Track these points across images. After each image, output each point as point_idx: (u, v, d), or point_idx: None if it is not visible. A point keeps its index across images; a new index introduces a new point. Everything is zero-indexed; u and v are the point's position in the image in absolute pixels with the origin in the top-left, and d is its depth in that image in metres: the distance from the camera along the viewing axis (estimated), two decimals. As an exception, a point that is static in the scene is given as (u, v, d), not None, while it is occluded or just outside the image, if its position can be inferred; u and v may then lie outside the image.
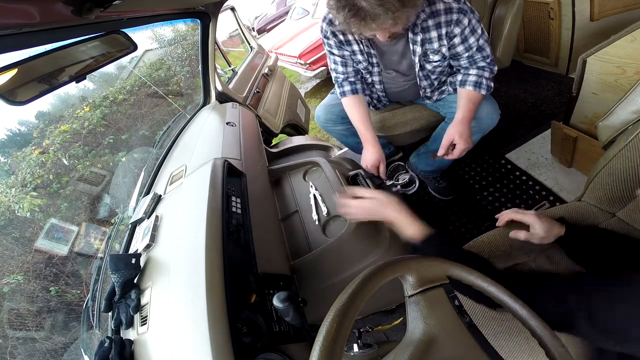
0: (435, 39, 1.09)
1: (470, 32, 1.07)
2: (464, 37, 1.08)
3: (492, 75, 1.15)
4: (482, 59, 1.14)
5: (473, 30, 1.07)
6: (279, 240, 0.99)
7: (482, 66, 1.14)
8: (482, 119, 1.19)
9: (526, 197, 1.51)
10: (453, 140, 1.11)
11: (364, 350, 0.70)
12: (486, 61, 1.14)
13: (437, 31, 1.07)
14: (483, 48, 1.11)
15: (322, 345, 0.36)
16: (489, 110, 1.18)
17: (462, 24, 1.04)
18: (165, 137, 1.61)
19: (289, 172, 1.28)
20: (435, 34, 1.08)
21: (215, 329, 0.59)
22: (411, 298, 0.46)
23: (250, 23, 9.35)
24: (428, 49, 1.13)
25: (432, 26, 1.06)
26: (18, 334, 1.63)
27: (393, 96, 1.42)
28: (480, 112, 1.17)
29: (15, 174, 2.14)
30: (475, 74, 1.14)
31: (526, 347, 0.74)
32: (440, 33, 1.07)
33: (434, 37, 1.09)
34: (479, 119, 1.18)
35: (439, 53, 1.14)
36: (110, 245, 1.18)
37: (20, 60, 0.69)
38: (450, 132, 1.11)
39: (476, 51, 1.12)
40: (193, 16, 1.50)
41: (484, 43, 1.11)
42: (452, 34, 1.07)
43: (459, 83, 1.18)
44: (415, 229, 0.72)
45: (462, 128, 1.10)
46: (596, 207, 0.94)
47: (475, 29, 1.07)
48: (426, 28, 1.07)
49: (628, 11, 1.75)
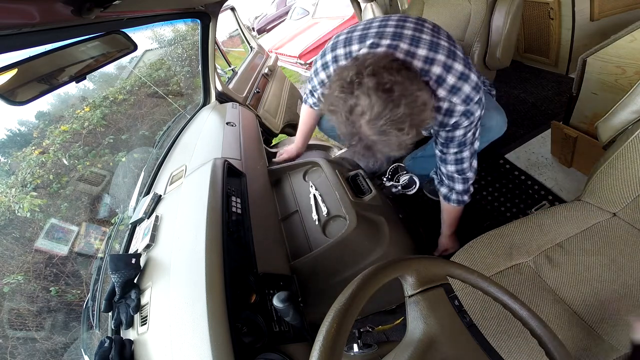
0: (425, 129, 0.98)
1: (458, 145, 0.92)
2: (446, 144, 0.94)
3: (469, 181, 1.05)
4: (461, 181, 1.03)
5: (462, 144, 0.92)
6: (279, 240, 0.99)
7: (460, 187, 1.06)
8: (491, 129, 1.15)
9: (525, 197, 1.51)
10: (447, 249, 1.29)
11: (364, 350, 0.70)
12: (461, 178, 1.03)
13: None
14: (462, 161, 0.97)
15: (322, 345, 0.36)
16: (498, 120, 1.15)
17: (456, 132, 0.88)
18: (165, 137, 1.61)
19: (289, 172, 1.28)
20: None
21: (215, 329, 0.59)
22: (411, 298, 0.46)
23: (250, 23, 9.33)
24: None
25: None
26: (18, 334, 1.63)
27: None
28: (489, 123, 1.13)
29: (16, 174, 2.13)
30: (457, 191, 1.08)
31: (526, 347, 0.74)
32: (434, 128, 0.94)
33: None
34: (488, 128, 1.14)
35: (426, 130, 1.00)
36: (110, 245, 1.18)
37: (20, 60, 0.69)
38: (444, 243, 1.28)
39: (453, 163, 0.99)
40: (193, 16, 1.50)
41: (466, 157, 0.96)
42: (441, 132, 0.92)
43: (442, 196, 1.13)
44: None
45: (451, 240, 1.28)
46: (596, 207, 0.94)
47: (465, 143, 0.92)
48: None
49: (628, 11, 1.75)
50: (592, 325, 0.76)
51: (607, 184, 0.89)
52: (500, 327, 0.78)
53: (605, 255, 0.85)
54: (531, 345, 0.71)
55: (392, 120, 0.65)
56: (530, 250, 0.90)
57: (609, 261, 0.83)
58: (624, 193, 0.86)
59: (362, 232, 0.91)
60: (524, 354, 0.74)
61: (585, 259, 0.86)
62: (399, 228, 1.08)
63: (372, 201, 1.05)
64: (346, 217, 0.95)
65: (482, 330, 0.45)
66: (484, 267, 0.89)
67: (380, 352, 0.69)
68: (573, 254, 0.87)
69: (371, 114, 0.65)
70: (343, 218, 0.98)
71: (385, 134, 0.67)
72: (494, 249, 0.93)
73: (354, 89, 0.66)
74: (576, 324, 0.77)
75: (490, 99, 1.24)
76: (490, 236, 0.96)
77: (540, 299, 0.82)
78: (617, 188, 0.87)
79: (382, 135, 0.67)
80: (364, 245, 0.92)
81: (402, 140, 0.69)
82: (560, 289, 0.83)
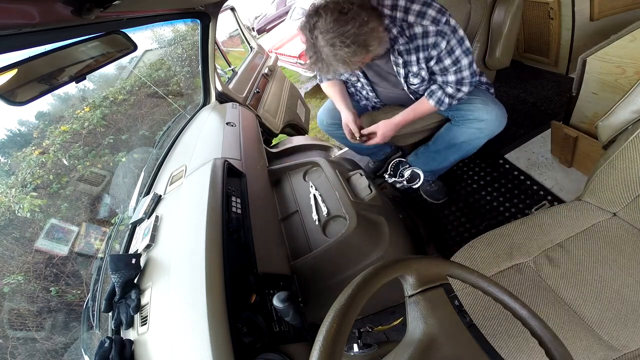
0: (415, 62, 1.09)
1: (447, 54, 1.04)
2: (439, 58, 1.05)
3: (460, 93, 1.13)
4: (456, 82, 1.10)
5: (451, 52, 1.03)
6: (279, 240, 0.99)
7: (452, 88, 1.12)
8: (490, 123, 1.17)
9: (525, 197, 1.51)
10: (376, 130, 1.24)
11: (364, 350, 0.70)
12: (461, 83, 1.11)
13: (415, 55, 1.06)
14: (460, 70, 1.07)
15: (322, 345, 0.36)
16: (498, 114, 1.17)
17: (438, 47, 1.01)
18: (165, 137, 1.61)
19: (289, 172, 1.28)
20: (414, 58, 1.07)
21: (215, 329, 0.59)
22: (411, 298, 0.46)
23: (250, 23, 9.33)
24: (409, 72, 1.13)
25: (412, 49, 1.05)
26: (18, 334, 1.63)
27: (390, 102, 1.42)
28: (489, 116, 1.16)
29: (16, 174, 2.13)
30: (446, 92, 1.13)
31: (526, 347, 0.74)
32: (419, 57, 1.06)
33: (414, 60, 1.08)
34: (487, 121, 1.17)
35: (418, 76, 1.14)
36: (111, 245, 1.18)
37: (20, 60, 0.69)
38: (380, 125, 1.23)
39: (453, 73, 1.08)
40: (193, 16, 1.50)
41: (464, 65, 1.06)
42: (429, 56, 1.05)
43: (427, 93, 1.18)
44: None
45: (389, 128, 1.22)
46: (596, 207, 0.94)
47: (453, 50, 1.03)
48: (405, 51, 1.06)
49: (628, 11, 1.75)
50: (592, 325, 0.76)
51: (607, 184, 0.89)
52: (500, 327, 0.78)
53: (606, 255, 0.85)
54: (531, 345, 0.71)
55: (340, 35, 0.84)
56: (531, 250, 0.90)
57: (609, 261, 0.83)
58: (624, 193, 0.86)
59: (362, 232, 0.91)
60: (524, 354, 0.73)
61: (585, 258, 0.86)
62: (399, 228, 1.08)
63: (372, 201, 1.05)
64: (346, 217, 0.95)
65: (482, 330, 0.45)
66: (484, 267, 0.89)
67: (380, 352, 0.69)
68: (573, 254, 0.87)
69: (325, 27, 0.85)
70: (343, 218, 0.98)
71: (334, 47, 0.86)
72: (494, 249, 0.93)
73: (319, 10, 0.87)
74: (576, 324, 0.77)
75: (488, 95, 1.25)
76: (490, 236, 0.96)
77: (540, 299, 0.82)
78: (617, 188, 0.87)
79: (332, 47, 0.86)
80: (364, 245, 0.92)
81: (347, 54, 0.86)
82: (560, 289, 0.83)
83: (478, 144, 1.25)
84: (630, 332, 0.73)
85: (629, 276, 0.80)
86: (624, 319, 0.75)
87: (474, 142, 1.24)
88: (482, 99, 1.19)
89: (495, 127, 1.19)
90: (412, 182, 1.29)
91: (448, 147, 1.32)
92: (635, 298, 0.77)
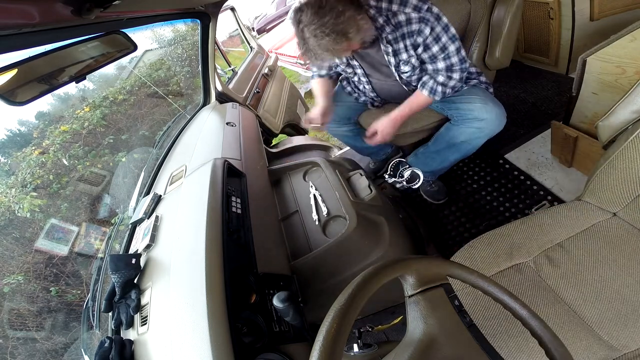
0: (403, 50, 1.10)
1: (434, 41, 1.05)
2: (425, 45, 1.07)
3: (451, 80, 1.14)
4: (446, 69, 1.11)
5: (437, 39, 1.05)
6: (279, 240, 0.99)
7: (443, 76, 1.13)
8: (490, 123, 1.18)
9: (525, 197, 1.51)
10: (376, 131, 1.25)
11: (364, 350, 0.70)
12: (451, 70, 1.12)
13: (402, 42, 1.08)
14: (449, 56, 1.09)
15: (322, 345, 0.36)
16: (497, 113, 1.17)
17: (423, 34, 1.03)
18: (165, 137, 1.61)
19: (289, 172, 1.28)
20: (402, 45, 1.09)
21: (215, 329, 0.59)
22: (411, 298, 0.45)
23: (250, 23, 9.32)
24: (400, 60, 1.14)
25: (399, 37, 1.07)
26: (18, 334, 1.63)
27: (386, 96, 1.42)
28: (488, 115, 1.17)
29: (15, 174, 2.13)
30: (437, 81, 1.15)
31: (526, 347, 0.74)
32: (406, 44, 1.08)
33: (402, 47, 1.10)
34: (487, 120, 1.17)
35: (408, 64, 1.15)
36: (111, 245, 1.18)
37: (20, 60, 0.69)
38: (377, 123, 1.24)
39: (442, 60, 1.09)
40: (193, 16, 1.50)
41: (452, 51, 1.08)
42: (415, 43, 1.07)
43: (420, 84, 1.19)
44: None
45: (386, 123, 1.22)
46: (596, 207, 0.94)
47: (439, 37, 1.05)
48: (394, 40, 1.08)
49: (628, 11, 1.75)
50: (592, 325, 0.76)
51: (608, 184, 0.89)
52: (500, 327, 0.78)
53: (606, 255, 0.85)
54: (531, 345, 0.71)
55: (321, 25, 0.92)
56: (531, 250, 0.90)
57: (609, 261, 0.83)
58: (624, 193, 0.86)
59: (362, 232, 0.91)
60: (524, 354, 0.73)
61: (585, 258, 0.86)
62: (399, 228, 1.08)
63: (372, 201, 1.05)
64: (346, 217, 0.95)
65: (482, 330, 0.45)
66: (484, 267, 0.89)
67: (380, 352, 0.69)
68: (573, 254, 0.87)
69: (307, 20, 0.93)
70: (343, 218, 0.98)
71: (317, 37, 0.93)
72: (494, 249, 0.93)
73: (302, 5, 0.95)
74: (576, 324, 0.77)
75: (488, 94, 1.25)
76: (490, 236, 0.96)
77: (540, 299, 0.82)
78: (617, 188, 0.87)
79: (315, 38, 0.94)
80: (364, 245, 0.92)
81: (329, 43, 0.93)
82: (560, 289, 0.83)
83: (478, 144, 1.25)
84: (630, 332, 0.73)
85: (629, 276, 0.80)
86: (624, 319, 0.75)
87: (473, 141, 1.24)
88: (482, 98, 1.19)
89: (495, 126, 1.19)
90: (411, 183, 1.30)
91: (448, 147, 1.33)
92: (635, 298, 0.77)
